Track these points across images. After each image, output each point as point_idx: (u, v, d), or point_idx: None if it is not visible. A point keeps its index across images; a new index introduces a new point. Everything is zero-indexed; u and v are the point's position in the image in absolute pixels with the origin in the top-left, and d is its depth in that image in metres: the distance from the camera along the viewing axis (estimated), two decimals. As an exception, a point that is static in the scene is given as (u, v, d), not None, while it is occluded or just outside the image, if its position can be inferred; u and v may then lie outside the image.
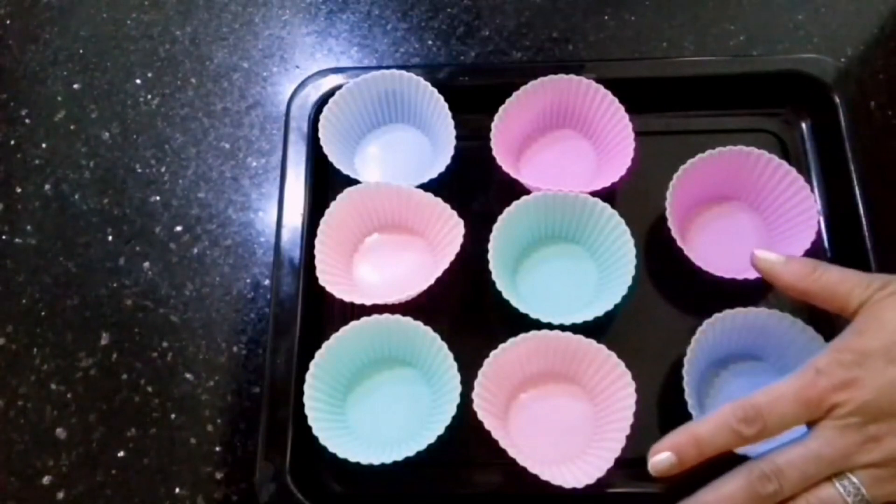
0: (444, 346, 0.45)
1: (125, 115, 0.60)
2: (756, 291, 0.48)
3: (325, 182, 0.53)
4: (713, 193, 0.51)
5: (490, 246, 0.47)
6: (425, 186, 0.49)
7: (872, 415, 0.36)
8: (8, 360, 0.52)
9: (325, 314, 0.50)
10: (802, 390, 0.37)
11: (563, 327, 0.45)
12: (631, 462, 0.42)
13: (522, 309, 0.45)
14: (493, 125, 0.50)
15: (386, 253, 0.51)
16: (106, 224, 0.56)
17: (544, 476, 0.41)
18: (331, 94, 0.52)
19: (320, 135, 0.51)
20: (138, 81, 0.61)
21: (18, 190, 0.58)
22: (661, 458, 0.38)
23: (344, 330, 0.46)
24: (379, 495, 0.47)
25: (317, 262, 0.47)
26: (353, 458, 0.43)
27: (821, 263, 0.41)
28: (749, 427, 0.37)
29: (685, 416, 0.42)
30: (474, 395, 0.43)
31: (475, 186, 0.53)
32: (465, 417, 0.43)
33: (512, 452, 0.42)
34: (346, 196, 0.49)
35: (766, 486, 0.36)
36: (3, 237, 0.56)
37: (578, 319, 0.45)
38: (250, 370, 0.51)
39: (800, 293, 0.41)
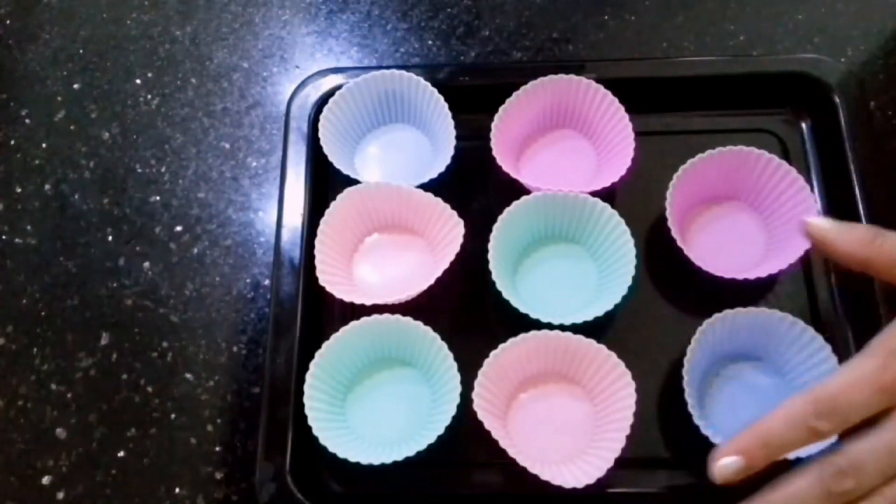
0: (444, 346, 0.45)
1: (125, 115, 0.60)
2: (756, 291, 0.48)
3: (325, 182, 0.53)
4: (713, 193, 0.51)
5: (490, 246, 0.47)
6: (425, 186, 0.49)
7: None
8: (8, 360, 0.52)
9: (325, 314, 0.50)
10: (879, 375, 0.33)
11: (563, 327, 0.45)
12: (631, 462, 0.43)
13: (522, 309, 0.45)
14: (493, 125, 0.50)
15: (386, 253, 0.51)
16: (106, 224, 0.56)
17: (544, 476, 0.41)
18: (331, 94, 0.52)
19: (320, 135, 0.51)
20: (138, 81, 0.61)
21: (18, 190, 0.58)
22: (726, 461, 0.34)
23: (344, 330, 0.46)
24: (379, 495, 0.47)
25: (317, 262, 0.47)
26: (353, 458, 0.43)
27: (879, 229, 0.37)
28: (827, 422, 0.33)
29: (685, 416, 0.42)
30: (474, 395, 0.43)
31: (475, 186, 0.53)
32: (465, 417, 0.43)
33: (512, 452, 0.42)
34: (346, 196, 0.49)
35: (841, 484, 0.33)
36: (3, 237, 0.56)
37: (578, 319, 0.45)
38: (250, 370, 0.51)
39: (860, 263, 0.37)
